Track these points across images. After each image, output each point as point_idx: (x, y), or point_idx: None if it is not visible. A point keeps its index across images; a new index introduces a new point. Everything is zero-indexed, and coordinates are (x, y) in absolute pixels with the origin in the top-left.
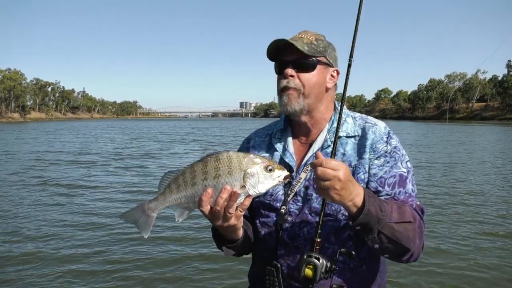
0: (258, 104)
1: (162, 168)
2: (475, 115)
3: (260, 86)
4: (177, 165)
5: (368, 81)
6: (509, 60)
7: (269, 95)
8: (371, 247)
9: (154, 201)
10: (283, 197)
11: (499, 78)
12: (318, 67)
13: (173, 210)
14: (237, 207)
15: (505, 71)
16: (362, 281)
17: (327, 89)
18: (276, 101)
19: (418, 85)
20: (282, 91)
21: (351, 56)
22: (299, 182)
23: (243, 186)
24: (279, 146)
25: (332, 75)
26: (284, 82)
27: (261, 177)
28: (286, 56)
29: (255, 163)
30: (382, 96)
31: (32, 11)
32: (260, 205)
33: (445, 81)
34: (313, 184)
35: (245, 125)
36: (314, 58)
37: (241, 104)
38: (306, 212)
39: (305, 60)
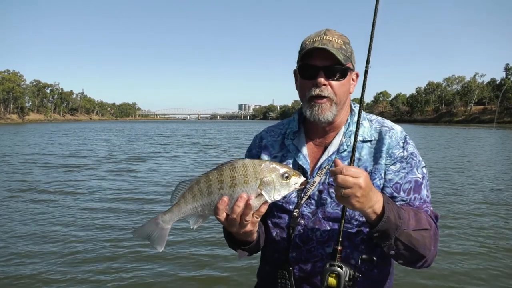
0: (257, 107)
1: (153, 172)
2: (473, 118)
3: (259, 88)
4: (171, 169)
5: (367, 84)
6: (507, 64)
7: (268, 98)
8: (383, 251)
9: (169, 213)
10: (296, 200)
11: (497, 82)
12: (348, 74)
13: (188, 219)
14: (253, 214)
15: (503, 75)
16: (373, 284)
17: (349, 93)
18: (275, 103)
19: (416, 88)
20: (313, 99)
21: (367, 62)
22: (313, 185)
23: (260, 194)
24: (292, 148)
25: (353, 79)
26: (317, 91)
27: (277, 184)
28: (316, 60)
29: (271, 171)
30: (380, 99)
31: (31, 13)
32: (273, 206)
33: (444, 84)
34: (327, 188)
35: (243, 128)
36: (347, 66)
37: (240, 107)
38: (320, 216)
39: (340, 68)
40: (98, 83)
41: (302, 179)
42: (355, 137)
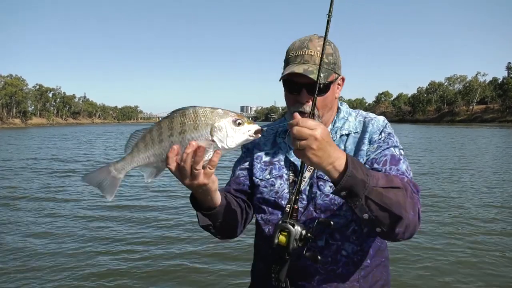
0: (259, 108)
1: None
2: (476, 117)
3: (260, 90)
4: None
5: (369, 84)
6: (509, 63)
7: (270, 99)
8: (374, 242)
9: (122, 161)
10: (288, 195)
11: (499, 81)
12: (331, 86)
13: (142, 171)
14: (206, 164)
15: (505, 73)
16: (366, 275)
17: (335, 98)
18: (277, 105)
19: (418, 88)
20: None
21: (330, 11)
22: (304, 181)
23: (212, 141)
24: (283, 145)
25: (339, 84)
26: (300, 107)
27: (229, 131)
28: (299, 78)
29: (223, 117)
30: (382, 99)
31: (33, 17)
32: (263, 202)
33: (446, 83)
34: (316, 181)
35: None
36: (328, 81)
37: (242, 108)
38: (311, 209)
39: (320, 85)
40: (100, 86)
41: (256, 127)
42: (318, 74)
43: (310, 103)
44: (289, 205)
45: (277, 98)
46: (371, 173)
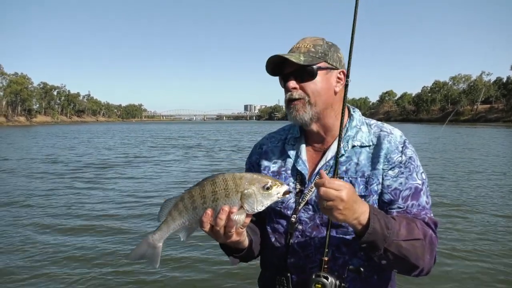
0: (263, 107)
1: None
2: (480, 117)
3: (264, 89)
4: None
5: (373, 84)
6: None
7: (274, 98)
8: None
9: (159, 231)
10: (294, 205)
11: (504, 80)
12: (319, 73)
13: (177, 233)
14: (238, 226)
15: (510, 73)
16: None
17: (335, 93)
18: (281, 103)
19: (422, 87)
20: (288, 103)
21: (347, 76)
22: (311, 191)
23: (242, 207)
24: (292, 153)
25: (338, 77)
26: (288, 95)
27: (258, 196)
28: (286, 68)
29: (252, 183)
30: (386, 98)
31: (38, 16)
32: (271, 211)
33: (450, 83)
34: None
35: (246, 128)
36: (313, 66)
37: (246, 107)
38: (317, 221)
39: (304, 70)
40: (104, 84)
41: (284, 188)
42: (338, 146)
43: (298, 90)
44: (294, 215)
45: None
46: (392, 225)
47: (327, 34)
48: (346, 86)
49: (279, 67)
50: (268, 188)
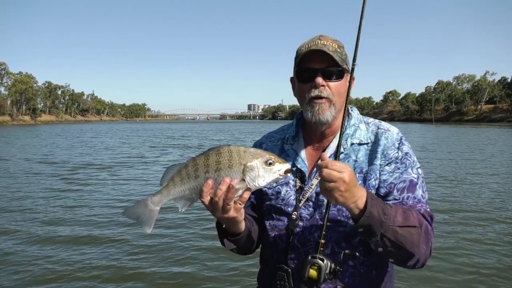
0: (266, 107)
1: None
2: (484, 117)
3: (268, 88)
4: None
5: (376, 83)
6: None
7: (277, 98)
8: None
9: (158, 195)
10: (294, 202)
11: (508, 80)
12: (345, 75)
13: (176, 202)
14: (236, 200)
15: None
16: (371, 285)
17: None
18: (284, 103)
19: (426, 87)
20: (313, 99)
21: (354, 60)
22: (311, 188)
23: (243, 180)
24: (291, 152)
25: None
26: (316, 92)
27: (260, 171)
28: (313, 63)
29: (255, 157)
30: (390, 98)
31: (43, 15)
32: (271, 208)
33: (454, 83)
34: None
35: (249, 128)
36: (344, 67)
37: (249, 107)
38: (317, 217)
39: (336, 69)
40: (108, 84)
41: (286, 166)
42: (339, 142)
43: (327, 88)
44: (295, 212)
45: (284, 96)
46: (388, 211)
47: (327, 33)
48: (352, 70)
49: (304, 59)
50: (270, 164)
